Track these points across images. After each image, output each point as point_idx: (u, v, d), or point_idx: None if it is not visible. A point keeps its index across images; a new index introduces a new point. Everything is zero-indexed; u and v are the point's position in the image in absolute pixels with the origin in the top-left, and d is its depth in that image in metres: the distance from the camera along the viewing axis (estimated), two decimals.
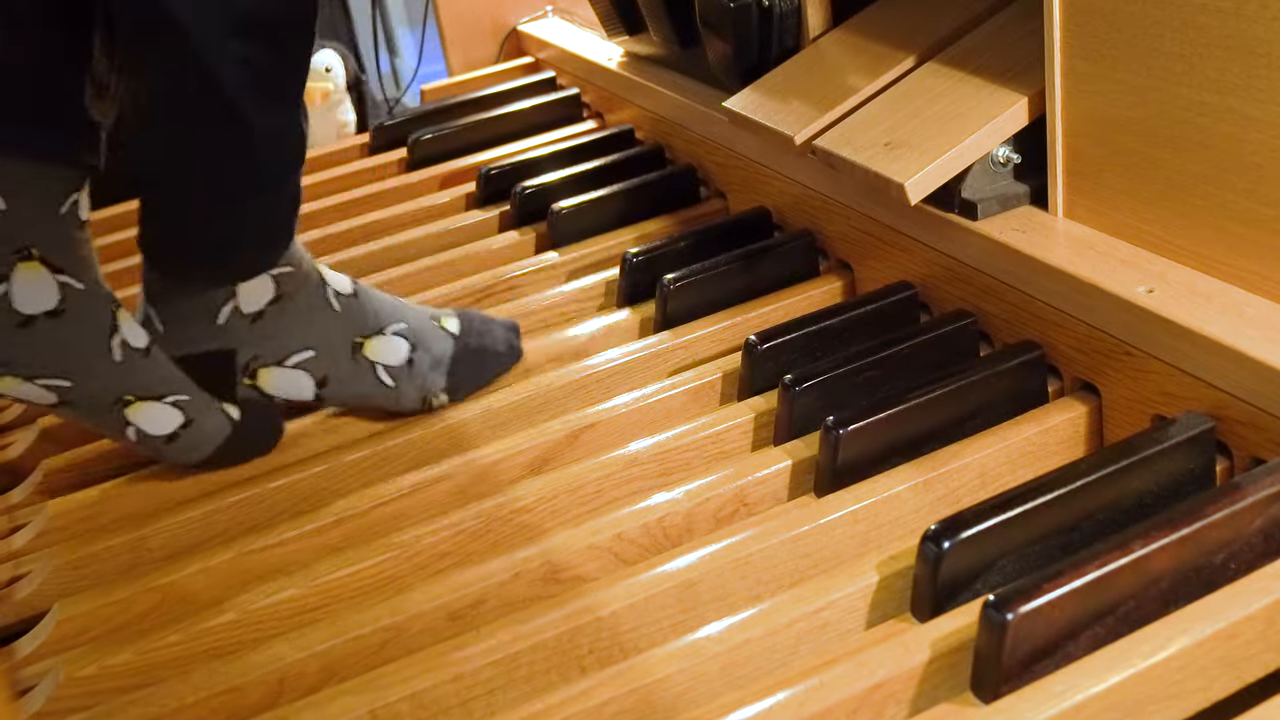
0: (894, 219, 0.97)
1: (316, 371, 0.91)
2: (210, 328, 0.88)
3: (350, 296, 0.93)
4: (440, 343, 0.95)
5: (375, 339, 0.93)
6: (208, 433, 0.90)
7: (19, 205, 0.80)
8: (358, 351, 0.92)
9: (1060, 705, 0.58)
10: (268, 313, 0.89)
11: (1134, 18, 0.76)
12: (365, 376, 0.93)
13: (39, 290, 0.81)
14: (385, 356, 0.93)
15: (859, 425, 0.79)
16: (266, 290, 0.89)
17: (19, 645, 0.80)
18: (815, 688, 0.61)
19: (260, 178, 0.85)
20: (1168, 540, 0.63)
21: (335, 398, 0.93)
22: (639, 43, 1.40)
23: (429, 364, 0.94)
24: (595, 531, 0.78)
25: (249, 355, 0.90)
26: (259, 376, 0.90)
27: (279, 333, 0.90)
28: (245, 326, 0.89)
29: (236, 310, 0.88)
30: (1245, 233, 0.74)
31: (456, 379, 0.95)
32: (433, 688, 0.68)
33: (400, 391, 0.94)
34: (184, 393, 0.89)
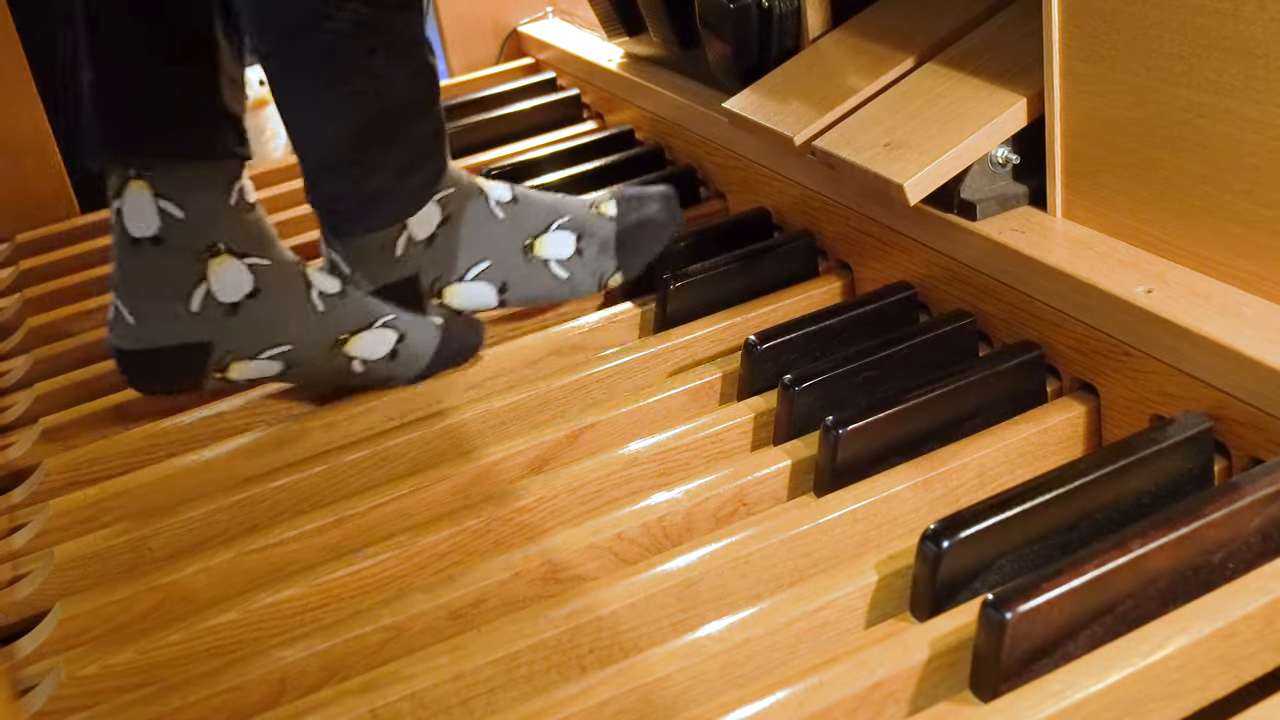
0: (893, 219, 0.97)
1: (496, 279, 0.98)
2: (391, 260, 0.95)
3: (511, 203, 1.00)
4: (603, 228, 1.02)
5: (542, 237, 0.99)
6: (422, 341, 0.96)
7: (195, 210, 0.88)
8: (529, 252, 0.98)
9: (1059, 704, 0.58)
10: (439, 235, 0.96)
11: (1132, 19, 0.76)
12: (541, 274, 1.00)
13: (236, 278, 0.90)
14: (555, 251, 1.00)
15: (858, 425, 0.79)
16: (434, 215, 0.95)
17: (20, 644, 0.80)
18: (815, 687, 0.61)
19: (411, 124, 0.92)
20: (1166, 540, 0.63)
21: (517, 299, 1.01)
22: (639, 44, 1.40)
23: (596, 249, 1.01)
24: (595, 531, 0.78)
25: (432, 277, 0.97)
26: (445, 295, 0.97)
27: (454, 251, 0.97)
28: (422, 252, 0.95)
29: (410, 239, 0.94)
30: (1243, 233, 0.74)
31: (624, 256, 1.03)
32: (433, 687, 0.68)
33: (575, 280, 1.01)
34: (389, 313, 0.95)
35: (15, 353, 1.21)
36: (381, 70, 0.88)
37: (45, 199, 1.50)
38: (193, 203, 0.89)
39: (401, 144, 0.92)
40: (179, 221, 0.88)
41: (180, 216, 0.88)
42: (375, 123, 0.90)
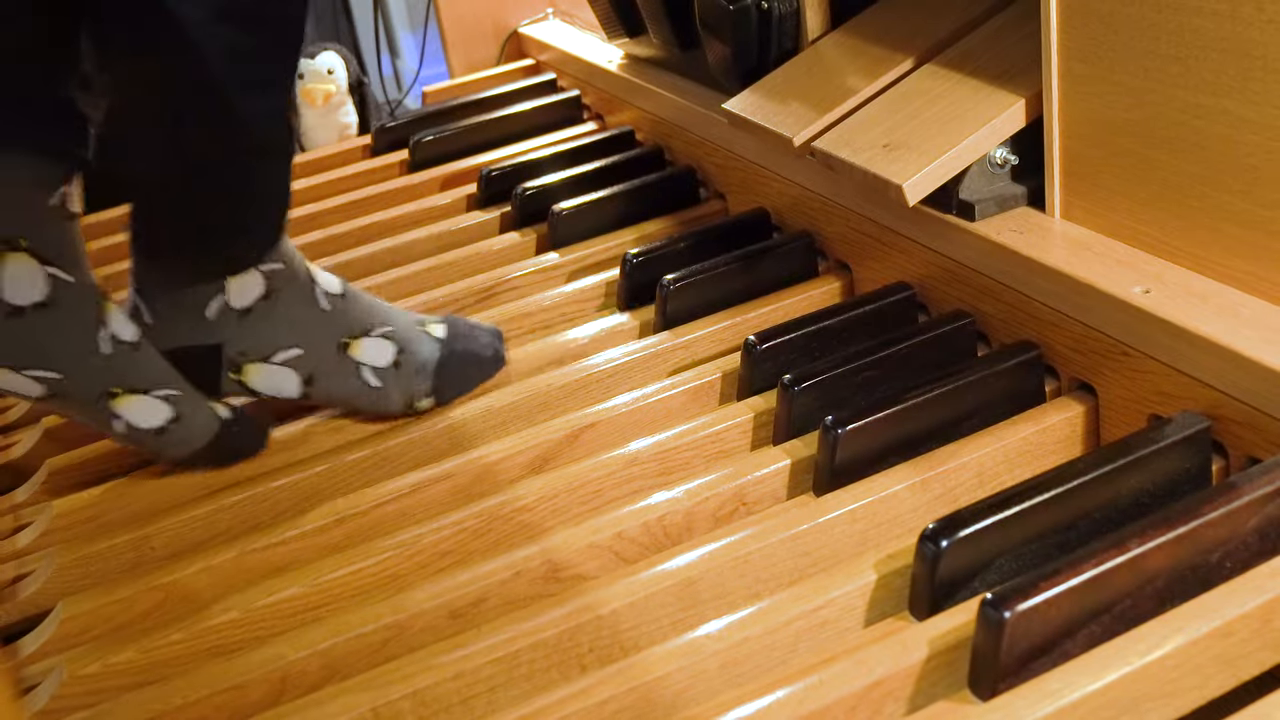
0: (892, 220, 0.97)
1: (302, 369, 0.91)
2: (199, 322, 0.88)
3: (339, 296, 0.93)
4: (426, 347, 0.95)
5: (362, 340, 0.93)
6: (196, 429, 0.90)
7: (7, 195, 0.80)
8: (344, 351, 0.92)
9: (1057, 703, 0.58)
10: (256, 309, 0.89)
11: (1131, 20, 0.76)
12: (351, 376, 0.93)
13: (28, 282, 0.81)
14: (371, 358, 0.93)
15: (857, 425, 0.79)
16: (256, 286, 0.89)
17: (23, 643, 0.80)
18: (814, 685, 0.61)
19: (251, 167, 0.85)
20: (1164, 539, 0.63)
21: (321, 396, 0.93)
22: (639, 45, 1.40)
23: (415, 367, 0.94)
24: (596, 530, 0.78)
25: (236, 350, 0.90)
26: (245, 372, 0.91)
27: (267, 329, 0.90)
28: (234, 321, 0.89)
29: (226, 305, 0.88)
30: (1241, 234, 0.74)
31: (441, 382, 0.95)
32: (434, 685, 0.68)
33: (386, 393, 0.94)
34: (172, 387, 0.89)
35: None
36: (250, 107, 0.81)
37: None
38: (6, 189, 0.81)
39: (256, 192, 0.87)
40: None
41: None
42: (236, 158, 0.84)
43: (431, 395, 0.95)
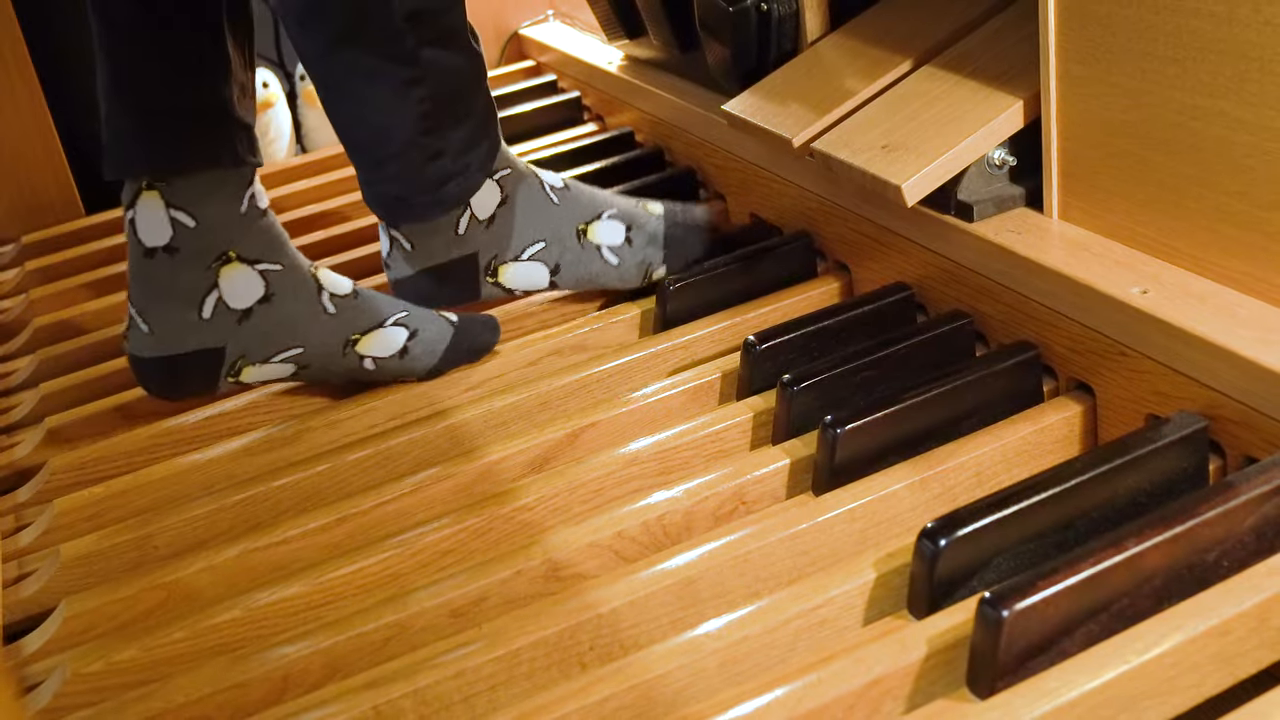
0: (891, 221, 0.97)
1: (549, 260, 1.01)
2: (453, 238, 0.98)
3: (563, 189, 1.03)
4: (651, 222, 1.05)
5: (595, 223, 1.03)
6: (433, 338, 0.97)
7: (206, 217, 0.90)
8: (583, 237, 1.00)
9: (1055, 701, 0.58)
10: (498, 214, 0.98)
11: (1128, 23, 0.76)
12: (592, 258, 1.02)
13: (247, 284, 0.91)
14: (607, 238, 1.03)
15: (856, 425, 0.79)
16: (494, 195, 0.98)
17: (26, 642, 0.80)
18: (813, 684, 0.61)
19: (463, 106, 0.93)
20: (1161, 538, 0.63)
21: (569, 282, 1.03)
22: (639, 47, 1.40)
23: (645, 240, 1.04)
24: (596, 529, 0.78)
25: (489, 256, 1.00)
26: (500, 273, 1.01)
27: (512, 230, 0.99)
28: (482, 230, 0.98)
29: (473, 218, 0.96)
30: (1238, 234, 0.74)
31: (671, 250, 1.05)
32: (435, 684, 0.68)
33: (624, 268, 1.04)
34: (399, 310, 0.97)
35: (21, 352, 1.21)
36: (434, 59, 0.89)
37: (51, 200, 1.50)
38: (203, 211, 0.90)
39: (457, 127, 0.93)
40: (190, 230, 0.89)
41: (191, 225, 0.89)
42: (431, 110, 0.91)
43: (664, 264, 1.05)
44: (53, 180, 1.50)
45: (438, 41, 0.90)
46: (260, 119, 1.64)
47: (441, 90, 0.91)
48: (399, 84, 0.89)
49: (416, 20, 0.87)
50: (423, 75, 0.89)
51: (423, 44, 0.88)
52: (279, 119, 1.66)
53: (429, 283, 1.00)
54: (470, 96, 0.95)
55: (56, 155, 1.50)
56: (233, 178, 0.91)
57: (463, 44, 0.93)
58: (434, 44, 0.89)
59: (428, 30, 0.89)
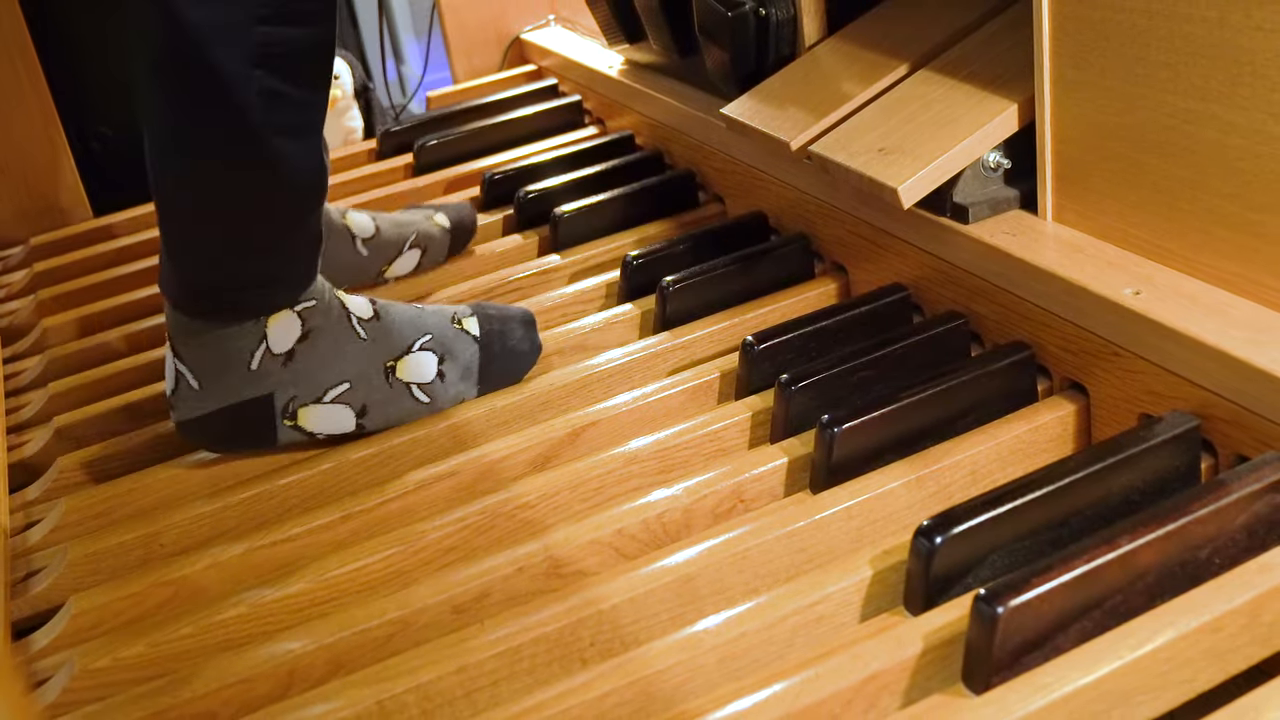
0: (887, 222, 0.97)
1: (355, 402, 0.91)
2: (245, 375, 0.87)
3: (373, 320, 0.92)
4: (466, 349, 0.95)
5: (405, 359, 0.92)
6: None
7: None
8: (391, 375, 0.92)
9: (1049, 696, 0.58)
10: (298, 351, 0.88)
11: (1121, 27, 0.76)
12: (402, 398, 0.92)
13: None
14: (417, 375, 0.93)
15: (853, 424, 0.79)
16: (294, 328, 0.88)
17: (35, 638, 0.80)
18: (810, 679, 0.61)
19: (285, 208, 0.85)
20: (1154, 536, 0.63)
21: (377, 424, 0.92)
22: (639, 51, 1.40)
23: (459, 374, 0.94)
24: (596, 527, 0.78)
25: (287, 397, 0.89)
26: (300, 416, 0.90)
27: (313, 369, 0.89)
28: (279, 368, 0.88)
29: (268, 352, 0.87)
30: (1230, 236, 0.74)
31: (485, 385, 0.96)
32: (438, 679, 0.68)
33: (436, 405, 0.94)
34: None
35: (30, 353, 1.21)
36: (281, 152, 0.82)
37: (59, 203, 1.50)
38: None
39: (286, 234, 0.86)
40: None
41: None
42: (264, 205, 0.84)
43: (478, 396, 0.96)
44: (61, 183, 1.50)
45: (291, 133, 0.82)
46: None
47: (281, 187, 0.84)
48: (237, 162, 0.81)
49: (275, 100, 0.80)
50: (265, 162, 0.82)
51: (275, 130, 0.81)
52: None
53: (220, 425, 0.89)
54: (308, 208, 0.87)
55: (65, 158, 1.50)
56: None
57: (315, 150, 0.85)
58: (286, 134, 0.81)
59: (284, 116, 0.81)
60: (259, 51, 0.78)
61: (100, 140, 1.63)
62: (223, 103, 0.78)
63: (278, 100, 0.80)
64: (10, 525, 0.93)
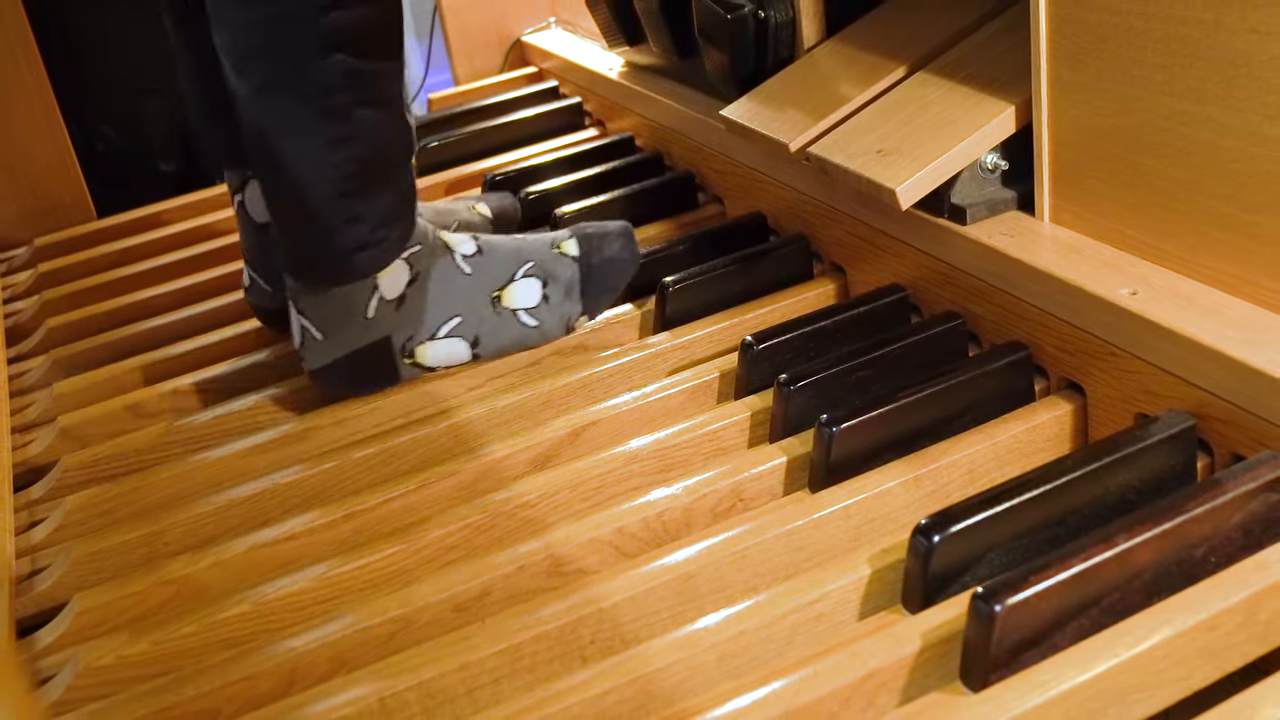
0: (886, 224, 0.97)
1: (468, 334, 0.96)
2: (363, 323, 0.93)
3: (476, 255, 0.98)
4: (566, 270, 1.00)
5: (509, 288, 0.97)
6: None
7: None
8: (498, 304, 0.96)
9: (1046, 694, 0.58)
10: (408, 294, 0.93)
11: (1118, 30, 0.76)
12: (511, 324, 0.97)
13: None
14: (522, 301, 0.98)
15: (851, 423, 0.79)
16: (403, 274, 0.93)
17: (39, 636, 0.80)
18: (809, 677, 0.61)
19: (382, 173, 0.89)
20: (1150, 534, 0.63)
21: (490, 351, 0.98)
22: (639, 53, 1.40)
23: (562, 294, 0.99)
24: (597, 526, 0.78)
25: (404, 337, 0.94)
26: (417, 354, 0.95)
27: (424, 309, 0.94)
28: (392, 312, 0.93)
29: (381, 299, 0.92)
30: (1226, 237, 0.74)
31: (589, 299, 1.01)
32: (440, 677, 0.68)
33: (545, 328, 0.99)
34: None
35: (34, 353, 1.21)
36: (365, 120, 0.85)
37: (63, 203, 1.50)
38: None
39: (380, 196, 0.89)
40: None
41: None
42: (356, 172, 0.87)
43: (584, 314, 1.01)
44: (65, 184, 1.50)
45: (372, 103, 0.86)
46: None
47: (369, 154, 0.87)
48: (322, 141, 0.85)
49: (352, 78, 0.84)
50: (351, 135, 0.85)
51: (356, 103, 0.84)
52: None
53: (346, 369, 0.95)
54: (397, 167, 0.91)
55: (69, 159, 1.50)
56: None
57: (397, 113, 0.89)
58: (367, 105, 0.85)
59: (362, 90, 0.85)
60: (330, 38, 0.81)
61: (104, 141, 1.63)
62: (307, 90, 0.82)
63: (356, 77, 0.84)
64: (14, 524, 0.93)
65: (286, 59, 0.82)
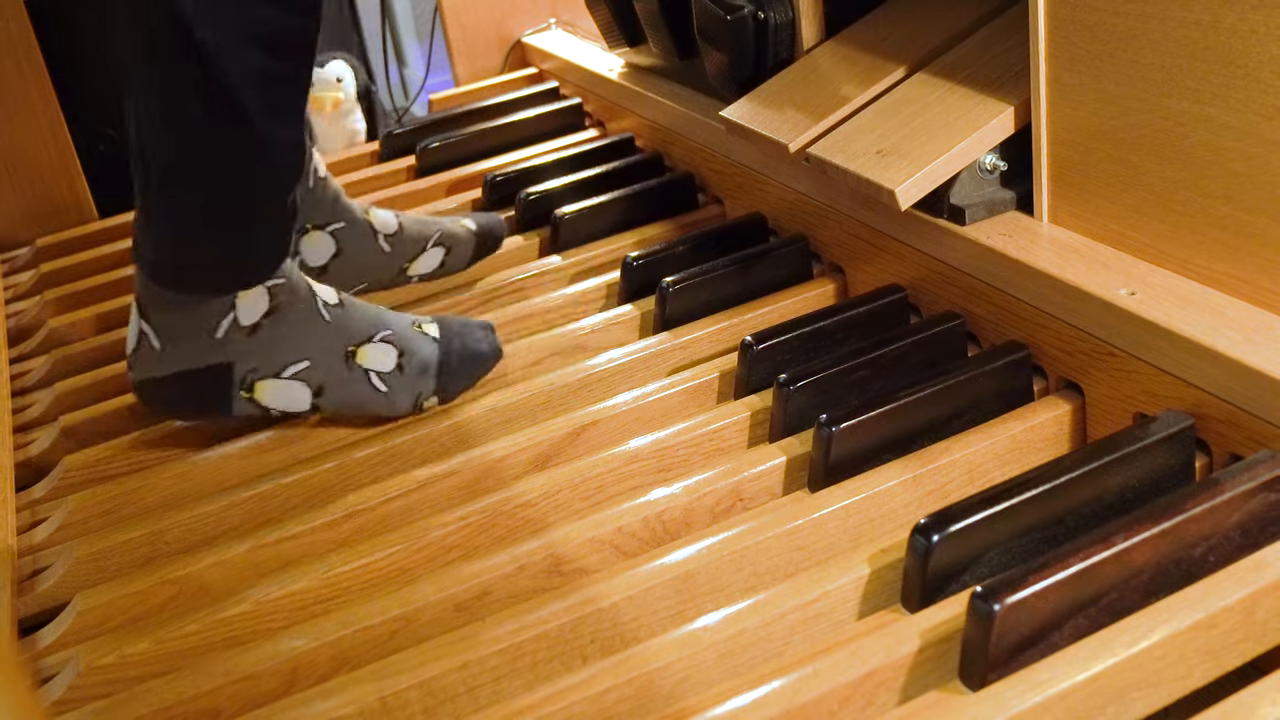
0: (885, 224, 0.97)
1: (312, 381, 0.91)
2: (208, 342, 0.88)
3: (338, 306, 0.93)
4: (425, 347, 0.95)
5: (366, 346, 0.92)
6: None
7: None
8: (351, 359, 0.92)
9: (1045, 693, 0.58)
10: (263, 325, 0.88)
11: (1116, 31, 0.76)
12: (359, 383, 0.92)
13: (321, 247, 0.93)
14: (376, 363, 0.92)
15: (851, 423, 0.79)
16: (262, 302, 0.88)
17: (41, 635, 0.80)
18: (809, 676, 0.61)
19: (266, 185, 0.85)
20: (1149, 534, 0.63)
21: (330, 405, 0.92)
22: (639, 54, 1.40)
23: (417, 368, 0.94)
24: (597, 525, 0.78)
25: (247, 368, 0.89)
26: (256, 389, 0.90)
27: (275, 344, 0.89)
28: (242, 339, 0.88)
29: (235, 323, 0.87)
30: (1223, 237, 0.74)
31: (444, 380, 0.95)
32: (440, 676, 0.68)
33: (393, 397, 0.93)
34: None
35: (36, 353, 1.21)
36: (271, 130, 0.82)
37: (65, 204, 1.50)
38: None
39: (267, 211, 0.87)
40: None
41: None
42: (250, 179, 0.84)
43: (435, 394, 0.95)
44: (67, 184, 1.50)
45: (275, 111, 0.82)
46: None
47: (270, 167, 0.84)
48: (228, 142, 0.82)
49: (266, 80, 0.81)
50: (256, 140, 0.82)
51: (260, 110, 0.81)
52: None
53: (176, 388, 0.89)
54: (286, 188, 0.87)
55: (71, 160, 1.50)
56: None
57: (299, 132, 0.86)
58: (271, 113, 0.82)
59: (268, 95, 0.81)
60: (254, 30, 0.79)
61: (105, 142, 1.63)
62: (211, 76, 0.79)
63: (265, 78, 0.80)
64: (17, 524, 0.93)
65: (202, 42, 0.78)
